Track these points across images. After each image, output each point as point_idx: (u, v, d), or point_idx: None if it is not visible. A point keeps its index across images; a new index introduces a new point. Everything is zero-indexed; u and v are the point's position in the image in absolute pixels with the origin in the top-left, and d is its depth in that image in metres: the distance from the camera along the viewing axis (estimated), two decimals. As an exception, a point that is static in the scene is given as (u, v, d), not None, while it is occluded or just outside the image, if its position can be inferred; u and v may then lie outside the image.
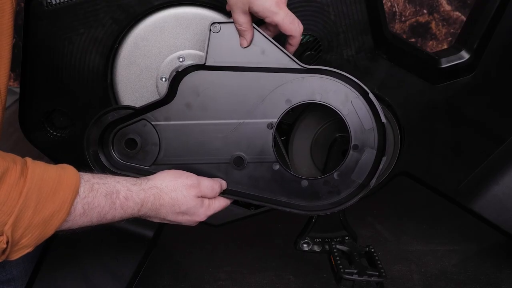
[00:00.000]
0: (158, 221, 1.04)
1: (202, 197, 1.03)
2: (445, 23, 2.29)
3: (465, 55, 1.24)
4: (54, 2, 1.09)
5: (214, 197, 1.06)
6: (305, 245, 1.26)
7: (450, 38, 2.30)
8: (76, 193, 0.88)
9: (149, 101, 1.07)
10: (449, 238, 1.65)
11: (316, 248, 1.26)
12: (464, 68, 1.23)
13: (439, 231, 1.69)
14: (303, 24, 1.12)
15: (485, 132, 1.28)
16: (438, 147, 1.28)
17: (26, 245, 0.86)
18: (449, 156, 1.29)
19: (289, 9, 1.11)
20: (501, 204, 1.32)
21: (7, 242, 0.83)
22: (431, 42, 2.32)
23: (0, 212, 0.80)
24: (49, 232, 0.87)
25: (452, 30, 2.29)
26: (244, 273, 1.52)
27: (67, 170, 0.90)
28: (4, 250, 0.84)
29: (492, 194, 1.32)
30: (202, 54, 1.16)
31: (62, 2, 1.08)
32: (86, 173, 0.93)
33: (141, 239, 1.29)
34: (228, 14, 1.13)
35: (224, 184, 1.08)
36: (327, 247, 1.24)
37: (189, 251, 1.64)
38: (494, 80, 1.24)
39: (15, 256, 0.86)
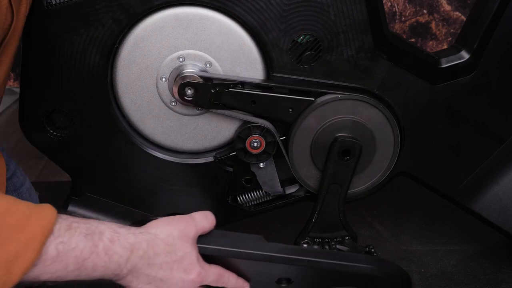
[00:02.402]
0: (145, 286, 0.84)
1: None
2: (445, 23, 2.29)
3: (465, 55, 1.23)
4: (54, 2, 1.09)
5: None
6: (305, 245, 1.26)
7: (450, 38, 2.30)
8: (49, 231, 0.73)
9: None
10: (449, 238, 1.65)
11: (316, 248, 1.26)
12: (464, 68, 1.23)
13: (439, 231, 1.68)
14: (303, 24, 1.13)
15: (485, 132, 1.28)
16: (438, 147, 1.28)
17: None
18: (449, 156, 1.29)
19: (289, 9, 1.11)
20: (501, 204, 1.32)
21: None
22: (431, 42, 2.32)
23: None
24: (13, 278, 0.71)
25: (452, 30, 2.29)
26: (244, 273, 1.52)
27: (43, 207, 0.76)
28: None
29: (492, 194, 1.32)
30: (202, 54, 1.16)
31: (62, 2, 1.08)
32: (67, 215, 0.79)
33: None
34: (228, 14, 1.13)
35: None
36: (327, 247, 1.24)
37: (189, 251, 1.64)
38: (494, 80, 1.24)
39: None
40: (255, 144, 1.20)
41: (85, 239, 0.77)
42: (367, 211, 1.75)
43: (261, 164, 1.24)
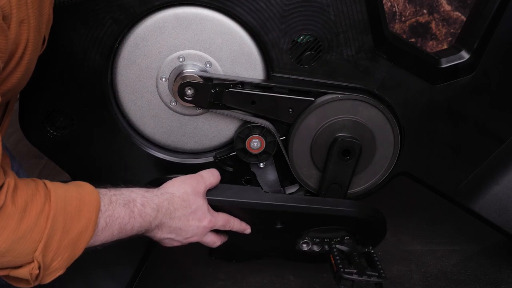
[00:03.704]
0: (167, 235, 1.07)
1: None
2: (445, 23, 2.29)
3: (465, 55, 1.23)
4: (54, 2, 1.08)
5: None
6: (304, 245, 1.26)
7: (450, 38, 2.30)
8: (98, 209, 0.90)
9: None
10: (449, 238, 1.65)
11: (315, 248, 1.26)
12: (464, 68, 1.23)
13: (439, 231, 1.68)
14: (303, 24, 1.13)
15: (485, 132, 1.28)
16: (438, 147, 1.28)
17: (57, 268, 0.87)
18: (449, 156, 1.29)
19: (289, 9, 1.11)
20: (501, 204, 1.32)
21: (39, 267, 0.83)
22: (431, 42, 2.32)
23: (30, 240, 0.81)
24: (78, 252, 0.89)
25: (452, 30, 2.29)
26: (244, 273, 1.52)
27: (86, 188, 0.92)
28: (37, 276, 0.84)
29: (492, 194, 1.32)
30: (202, 54, 1.16)
31: (62, 2, 1.08)
32: (101, 188, 0.95)
33: (141, 239, 1.28)
34: (228, 14, 1.13)
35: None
36: (326, 247, 1.24)
37: (189, 251, 1.64)
38: (494, 80, 1.24)
39: (48, 279, 0.87)
40: (255, 144, 1.20)
41: (124, 208, 0.95)
42: (367, 211, 1.75)
43: (261, 164, 1.24)
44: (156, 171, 1.26)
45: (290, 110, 1.19)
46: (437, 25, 2.30)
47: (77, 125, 1.21)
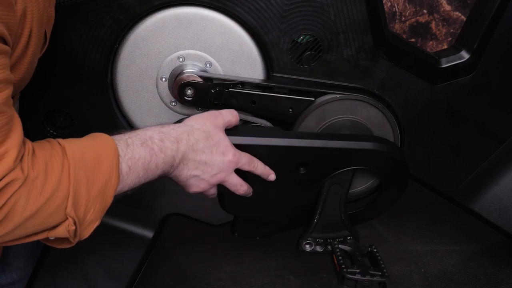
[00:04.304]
0: (193, 172, 1.01)
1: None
2: (445, 23, 2.29)
3: (465, 55, 1.23)
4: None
5: None
6: (307, 246, 1.26)
7: (450, 38, 2.30)
8: (117, 155, 0.88)
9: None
10: (449, 238, 1.66)
11: (318, 248, 1.26)
12: (464, 68, 1.23)
13: (439, 231, 1.69)
14: (303, 24, 1.13)
15: (485, 132, 1.28)
16: (438, 147, 1.28)
17: (92, 219, 0.86)
18: (449, 156, 1.29)
19: (289, 9, 1.11)
20: (501, 204, 1.32)
21: (75, 223, 0.84)
22: (431, 42, 2.32)
23: (57, 198, 0.81)
24: (109, 200, 0.88)
25: (452, 30, 2.29)
26: (244, 273, 1.52)
27: (100, 137, 0.91)
28: (75, 231, 0.85)
29: (492, 194, 1.32)
30: (202, 54, 1.16)
31: (62, 2, 1.08)
32: (115, 134, 0.94)
33: (141, 239, 1.29)
34: (228, 14, 1.13)
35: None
36: (329, 247, 1.24)
37: (189, 251, 1.64)
38: (494, 80, 1.24)
39: (87, 233, 0.87)
40: (255, 144, 1.19)
41: (142, 147, 0.92)
42: (367, 211, 1.75)
43: (261, 164, 1.24)
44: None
45: (290, 110, 1.19)
46: (437, 25, 2.30)
47: (77, 125, 1.21)
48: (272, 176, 1.12)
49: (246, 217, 1.20)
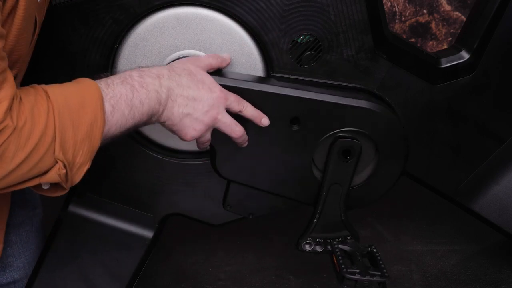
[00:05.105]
0: (184, 110, 0.99)
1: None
2: (445, 23, 2.29)
3: (465, 55, 1.23)
4: (54, 2, 1.08)
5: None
6: (307, 246, 1.26)
7: (450, 38, 2.30)
8: (100, 97, 0.88)
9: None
10: (449, 238, 1.66)
11: (318, 248, 1.26)
12: (464, 68, 1.23)
13: (439, 231, 1.69)
14: (303, 24, 1.13)
15: (485, 132, 1.28)
16: (438, 147, 1.28)
17: (82, 162, 0.87)
18: (449, 156, 1.29)
19: (289, 9, 1.11)
20: (501, 204, 1.32)
21: (65, 166, 0.84)
22: (431, 42, 2.32)
23: (45, 142, 0.82)
24: (96, 142, 0.88)
25: (452, 30, 2.29)
26: (244, 273, 1.52)
27: (83, 81, 0.91)
28: (66, 175, 0.86)
29: (492, 194, 1.32)
30: (202, 54, 1.16)
31: (62, 2, 1.08)
32: (96, 77, 0.94)
33: (141, 239, 1.29)
34: (228, 14, 1.13)
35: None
36: (329, 247, 1.24)
37: (189, 251, 1.64)
38: (494, 80, 1.24)
39: (78, 177, 0.88)
40: (255, 144, 1.19)
41: (122, 85, 0.92)
42: (367, 211, 1.76)
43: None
44: (155, 171, 1.26)
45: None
46: (437, 25, 2.30)
47: (77, 125, 1.20)
48: (265, 120, 1.09)
49: (238, 178, 1.19)
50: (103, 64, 1.15)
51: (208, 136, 1.06)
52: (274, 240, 1.68)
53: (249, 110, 1.07)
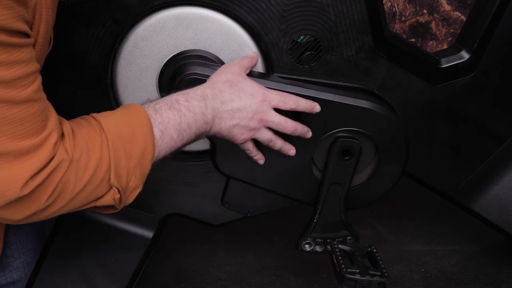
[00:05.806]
0: (231, 122, 1.03)
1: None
2: (445, 23, 2.29)
3: (465, 55, 1.23)
4: (54, 2, 1.09)
5: None
6: (307, 246, 1.26)
7: (450, 38, 2.30)
8: (149, 124, 0.92)
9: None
10: (449, 238, 1.66)
11: (318, 248, 1.26)
12: (464, 68, 1.23)
13: (439, 231, 1.69)
14: (303, 24, 1.13)
15: (485, 132, 1.28)
16: (438, 147, 1.28)
17: (135, 186, 0.91)
18: (449, 156, 1.29)
19: (289, 9, 1.11)
20: (501, 204, 1.32)
21: (119, 192, 0.89)
22: (431, 42, 2.32)
23: (101, 173, 0.86)
24: (147, 167, 0.92)
25: (452, 30, 2.29)
26: (244, 273, 1.52)
27: (132, 108, 0.94)
28: (120, 199, 0.90)
29: (492, 194, 1.32)
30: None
31: (62, 2, 1.08)
32: (144, 104, 0.97)
33: (141, 239, 1.29)
34: (228, 14, 1.13)
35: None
36: (329, 247, 1.24)
37: (189, 251, 1.64)
38: (494, 80, 1.24)
39: (131, 199, 0.92)
40: (255, 144, 1.19)
41: (170, 110, 0.95)
42: (367, 211, 1.76)
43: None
44: (155, 171, 1.26)
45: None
46: (437, 25, 2.30)
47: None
48: (317, 107, 1.12)
49: (237, 175, 1.19)
50: (103, 64, 1.15)
51: (265, 134, 1.08)
52: (274, 240, 1.68)
53: (301, 104, 1.10)
